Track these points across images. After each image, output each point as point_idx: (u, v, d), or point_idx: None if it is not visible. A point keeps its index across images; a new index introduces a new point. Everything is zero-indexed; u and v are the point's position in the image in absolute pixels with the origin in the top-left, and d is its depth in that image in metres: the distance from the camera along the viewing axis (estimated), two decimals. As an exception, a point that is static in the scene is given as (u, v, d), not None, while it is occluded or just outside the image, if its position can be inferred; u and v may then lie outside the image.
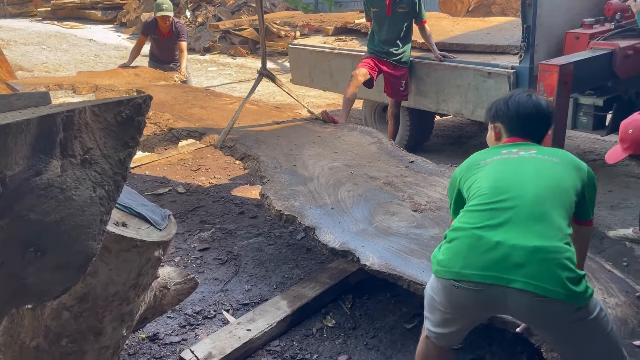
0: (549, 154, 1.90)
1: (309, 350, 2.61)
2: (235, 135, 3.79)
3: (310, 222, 2.79)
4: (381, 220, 2.89)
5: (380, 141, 3.92)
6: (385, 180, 3.32)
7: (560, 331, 1.70)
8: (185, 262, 3.45)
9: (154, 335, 2.71)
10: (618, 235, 3.51)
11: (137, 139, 1.30)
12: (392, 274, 2.45)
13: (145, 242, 1.91)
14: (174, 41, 5.70)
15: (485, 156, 1.95)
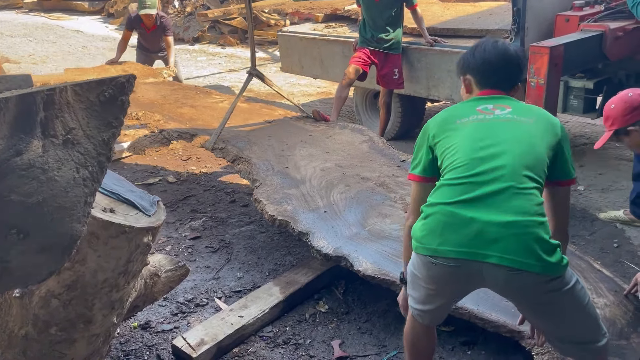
0: (524, 113, 1.82)
1: (302, 335, 2.60)
2: (227, 135, 3.76)
3: (304, 227, 2.80)
4: (374, 223, 2.90)
5: (372, 139, 3.93)
6: (377, 181, 3.33)
7: (537, 302, 1.71)
8: (176, 251, 3.43)
9: (145, 324, 2.69)
10: (609, 217, 3.52)
11: (121, 119, 1.27)
12: (385, 279, 2.48)
13: (133, 228, 1.89)
14: (160, 34, 5.66)
15: (460, 113, 1.86)
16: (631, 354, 2.20)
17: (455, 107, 1.93)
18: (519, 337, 2.29)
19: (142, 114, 3.98)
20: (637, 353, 2.21)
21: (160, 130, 3.81)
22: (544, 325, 1.80)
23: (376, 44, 4.57)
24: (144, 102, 4.43)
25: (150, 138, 3.83)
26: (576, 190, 4.03)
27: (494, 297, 2.45)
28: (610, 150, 4.81)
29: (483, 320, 2.34)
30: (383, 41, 4.56)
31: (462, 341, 2.48)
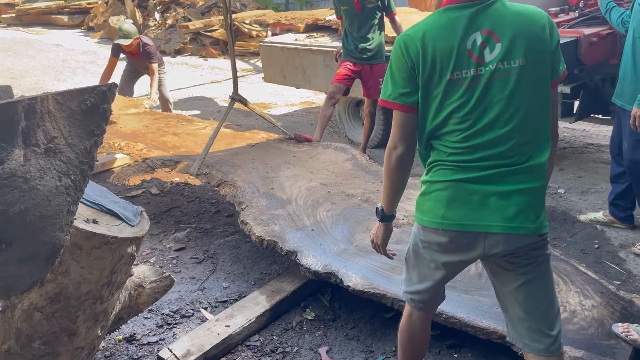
0: (515, 49, 1.61)
1: (289, 343, 2.59)
2: (211, 161, 3.78)
3: (292, 246, 2.81)
4: (361, 239, 2.93)
5: (355, 157, 3.98)
6: (362, 197, 3.37)
7: (520, 265, 1.72)
8: (161, 263, 3.40)
9: (130, 336, 2.66)
10: (589, 219, 3.58)
11: (103, 127, 1.27)
12: (375, 292, 2.50)
13: (117, 239, 1.88)
14: (145, 59, 5.67)
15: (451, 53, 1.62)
16: (621, 354, 2.24)
17: (440, 33, 1.65)
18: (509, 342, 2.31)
19: (125, 144, 4.00)
20: (627, 352, 2.25)
21: (143, 159, 3.82)
22: (514, 297, 1.78)
23: (360, 54, 4.58)
24: (127, 132, 4.44)
25: (134, 167, 3.83)
26: (556, 193, 4.10)
27: (484, 305, 2.48)
28: (588, 153, 4.91)
29: (474, 328, 2.36)
30: (367, 51, 4.57)
31: (448, 344, 2.50)
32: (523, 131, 1.64)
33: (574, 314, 2.47)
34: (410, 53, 1.67)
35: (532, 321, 1.76)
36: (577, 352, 2.23)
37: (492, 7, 1.65)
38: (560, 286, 2.65)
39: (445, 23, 1.66)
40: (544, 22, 1.65)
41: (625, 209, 3.41)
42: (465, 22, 1.64)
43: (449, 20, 1.65)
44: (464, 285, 2.62)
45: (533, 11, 1.68)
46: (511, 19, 1.64)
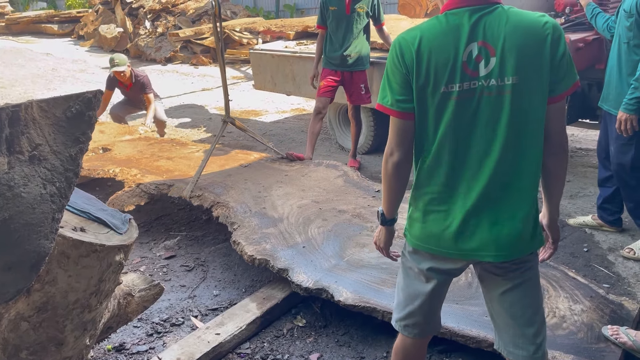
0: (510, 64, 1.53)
1: (280, 350, 2.58)
2: (204, 183, 3.82)
3: (283, 264, 2.84)
4: (352, 254, 2.97)
5: (346, 174, 4.04)
6: (353, 213, 3.42)
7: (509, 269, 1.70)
8: (151, 271, 3.38)
9: (120, 346, 2.64)
10: (578, 223, 3.61)
11: (89, 135, 1.27)
12: (366, 306, 2.53)
13: (105, 247, 1.87)
14: (139, 91, 5.75)
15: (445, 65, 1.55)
16: (611, 357, 2.25)
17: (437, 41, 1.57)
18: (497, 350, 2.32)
19: (120, 171, 4.01)
20: (616, 355, 2.26)
21: (137, 184, 3.84)
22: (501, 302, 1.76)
23: (340, 61, 4.57)
24: (121, 158, 4.47)
25: (128, 193, 3.87)
26: (546, 197, 4.12)
27: (473, 314, 2.49)
28: (577, 158, 4.94)
29: (465, 337, 2.37)
30: (348, 57, 4.57)
31: (439, 349, 2.50)
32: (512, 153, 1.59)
33: (563, 319, 2.48)
34: (405, 58, 1.60)
35: (517, 327, 1.75)
36: (566, 356, 2.24)
37: (493, 14, 1.56)
38: (550, 292, 2.66)
39: (444, 30, 1.58)
40: (546, 33, 1.54)
41: (614, 212, 3.43)
42: (464, 31, 1.55)
43: (449, 27, 1.57)
44: (454, 295, 2.63)
45: (535, 21, 1.56)
46: (509, 29, 1.54)
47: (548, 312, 2.52)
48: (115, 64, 5.59)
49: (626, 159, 3.04)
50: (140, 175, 3.93)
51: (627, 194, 3.16)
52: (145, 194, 3.78)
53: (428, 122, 1.62)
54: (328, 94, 4.65)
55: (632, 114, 2.87)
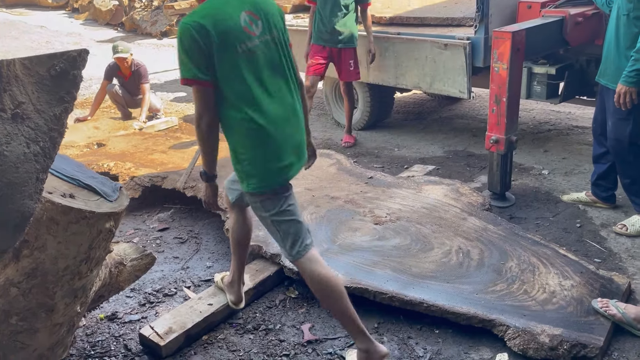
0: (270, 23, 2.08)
1: (271, 320, 2.60)
2: (197, 174, 3.76)
3: (275, 250, 2.86)
4: (344, 238, 2.99)
5: (340, 162, 4.06)
6: (346, 199, 3.44)
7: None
8: (144, 243, 3.38)
9: (112, 315, 2.65)
10: (572, 199, 3.61)
11: (74, 94, 1.24)
12: (357, 287, 2.56)
13: (94, 214, 1.85)
14: (137, 81, 5.75)
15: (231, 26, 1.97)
16: (600, 329, 2.27)
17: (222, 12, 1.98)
18: (491, 325, 2.34)
19: (114, 165, 4.02)
20: (606, 327, 2.28)
21: (131, 177, 3.86)
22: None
23: (330, 37, 4.54)
24: (115, 153, 4.48)
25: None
26: (540, 174, 4.12)
27: (464, 292, 2.51)
28: (573, 135, 4.93)
29: (455, 314, 2.40)
30: (338, 34, 4.53)
31: (428, 321, 2.51)
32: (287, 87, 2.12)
33: (553, 294, 2.50)
34: (200, 36, 1.92)
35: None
36: (555, 330, 2.26)
37: None
38: (540, 269, 2.67)
39: (221, 5, 2.01)
40: (277, 6, 2.17)
41: (607, 189, 3.43)
42: (235, 3, 2.02)
43: (224, 2, 2.02)
44: (445, 275, 2.65)
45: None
46: (259, 2, 2.09)
47: (538, 289, 2.53)
48: (119, 50, 5.60)
49: (623, 134, 3.02)
50: (134, 168, 3.94)
51: (623, 169, 3.16)
52: (139, 187, 3.81)
53: (235, 78, 1.99)
54: (318, 72, 4.63)
55: (632, 86, 2.84)
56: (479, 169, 4.27)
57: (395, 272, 2.67)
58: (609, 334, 2.29)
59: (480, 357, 2.30)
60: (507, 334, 2.28)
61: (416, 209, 3.30)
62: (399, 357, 2.32)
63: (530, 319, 2.32)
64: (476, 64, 4.10)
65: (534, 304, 2.44)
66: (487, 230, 3.02)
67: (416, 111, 6.02)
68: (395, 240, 2.96)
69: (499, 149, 3.50)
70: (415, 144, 4.97)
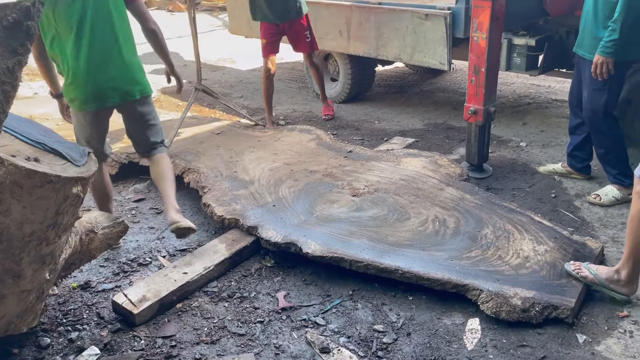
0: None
1: (247, 289, 2.59)
2: (175, 150, 3.79)
3: (253, 222, 2.86)
4: (322, 210, 2.99)
5: (319, 137, 4.04)
6: (324, 173, 3.43)
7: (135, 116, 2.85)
8: (119, 213, 3.33)
9: (85, 284, 2.62)
10: (548, 171, 3.64)
11: (27, 46, 1.19)
12: (333, 256, 2.57)
13: (60, 178, 1.81)
14: None
15: None
16: (572, 291, 2.31)
17: None
18: (464, 290, 2.37)
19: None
20: (578, 289, 2.32)
21: None
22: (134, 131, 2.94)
23: (273, 13, 4.35)
24: None
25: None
26: (518, 146, 4.14)
27: (439, 258, 2.53)
28: (552, 109, 4.95)
29: (430, 280, 2.41)
30: (279, 8, 4.33)
31: (402, 288, 2.53)
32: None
33: (527, 259, 2.53)
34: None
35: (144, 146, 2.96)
36: (528, 293, 2.29)
37: None
38: (515, 235, 2.70)
39: None
40: None
41: (582, 160, 3.46)
42: None
43: None
44: (421, 243, 2.67)
45: None
46: None
47: (512, 254, 2.56)
48: None
49: (598, 104, 3.03)
50: (110, 144, 3.83)
51: (598, 140, 3.18)
52: (116, 163, 3.77)
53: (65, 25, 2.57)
54: (272, 51, 4.50)
55: (609, 57, 2.84)
56: (458, 142, 4.27)
57: (371, 242, 2.68)
58: (581, 296, 2.33)
59: (452, 322, 2.33)
60: (480, 298, 2.31)
61: (394, 180, 3.30)
62: (373, 323, 2.34)
63: (504, 283, 2.35)
64: (457, 35, 4.07)
65: (507, 268, 2.46)
66: (464, 200, 3.04)
67: (398, 84, 5.99)
68: (373, 210, 2.97)
69: (477, 120, 3.50)
70: (395, 116, 4.95)
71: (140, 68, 2.85)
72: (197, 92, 4.12)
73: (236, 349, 2.21)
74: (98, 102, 2.70)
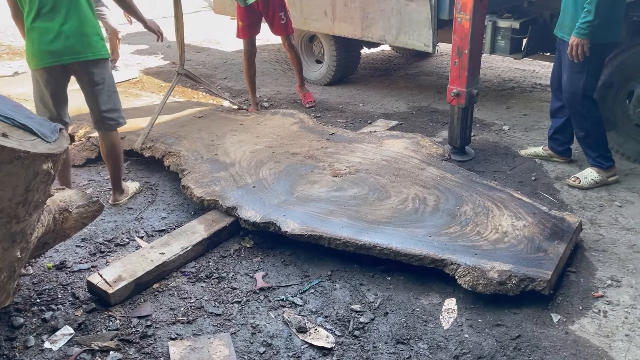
0: None
1: (225, 269, 2.58)
2: (156, 134, 3.74)
3: (232, 203, 2.84)
4: (302, 190, 2.98)
5: (302, 120, 4.01)
6: (306, 154, 3.42)
7: (86, 79, 2.86)
8: (97, 194, 3.29)
9: (61, 264, 2.59)
10: (529, 154, 3.65)
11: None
12: (312, 235, 2.56)
13: (30, 154, 1.77)
14: None
15: None
16: (549, 263, 2.33)
17: None
18: (442, 265, 2.37)
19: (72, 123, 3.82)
20: (554, 262, 2.34)
21: (87, 137, 3.74)
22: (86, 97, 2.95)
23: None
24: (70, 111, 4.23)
25: (78, 147, 3.76)
26: (501, 129, 4.15)
27: (418, 235, 2.53)
28: (536, 93, 4.96)
29: (408, 256, 2.41)
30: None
31: (381, 269, 2.53)
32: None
33: (505, 234, 2.54)
34: None
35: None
36: (505, 266, 2.31)
37: None
38: (494, 212, 2.71)
39: None
40: None
41: (563, 142, 3.47)
42: None
43: None
44: (400, 220, 2.67)
45: None
46: None
47: (491, 230, 2.57)
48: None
49: (577, 87, 3.03)
50: (91, 128, 3.79)
51: (577, 122, 3.19)
52: (96, 147, 3.71)
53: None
54: (250, 33, 4.43)
55: (584, 38, 2.84)
56: (442, 125, 4.27)
57: (350, 220, 2.67)
58: (558, 269, 2.35)
59: (429, 302, 2.34)
60: (457, 272, 2.32)
61: (376, 161, 3.29)
62: (350, 303, 2.34)
63: (481, 257, 2.36)
64: (442, 17, 4.04)
65: (485, 243, 2.48)
66: (444, 179, 3.04)
67: (383, 67, 5.96)
68: (353, 190, 2.96)
69: (459, 102, 3.49)
70: (380, 99, 4.93)
71: (95, 32, 2.83)
72: (179, 77, 4.04)
73: (212, 328, 2.20)
74: (48, 60, 2.74)
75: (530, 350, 2.06)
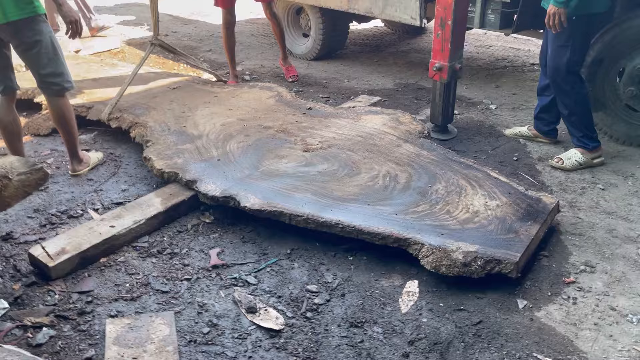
0: None
1: (179, 245, 2.45)
2: (125, 105, 3.58)
3: (193, 176, 2.71)
4: (269, 164, 2.85)
5: (280, 94, 3.86)
6: (279, 129, 3.28)
7: (19, 41, 2.63)
8: (58, 164, 3.16)
9: (7, 235, 2.46)
10: (514, 133, 3.48)
11: None
12: (272, 210, 2.44)
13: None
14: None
15: None
16: (519, 245, 2.19)
17: None
18: (406, 245, 2.24)
19: (37, 91, 3.67)
20: (524, 243, 2.20)
21: None
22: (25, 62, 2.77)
23: None
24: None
25: (44, 116, 3.61)
26: (487, 108, 3.98)
27: (383, 213, 2.41)
28: (528, 72, 4.77)
29: (370, 234, 2.28)
30: None
31: (344, 248, 2.40)
32: None
33: (476, 214, 2.41)
34: None
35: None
36: (471, 247, 2.18)
37: None
38: (468, 191, 2.57)
39: None
40: None
41: (549, 122, 3.31)
42: None
43: None
44: (367, 197, 2.54)
45: None
46: None
47: (461, 209, 2.43)
48: None
49: (561, 62, 2.86)
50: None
51: (561, 99, 3.02)
52: None
53: None
54: (229, 2, 4.25)
55: (561, 7, 2.68)
56: (427, 102, 4.09)
57: (315, 196, 2.53)
58: (528, 252, 2.21)
59: (390, 284, 2.21)
60: (421, 252, 2.18)
61: (351, 137, 3.14)
62: (307, 283, 2.21)
63: (447, 237, 2.23)
64: (429, -12, 3.84)
65: (454, 223, 2.34)
66: (420, 156, 2.89)
67: (374, 44, 5.76)
68: (323, 166, 2.81)
69: (442, 77, 3.32)
70: (366, 76, 4.75)
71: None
72: (153, 47, 3.87)
73: (157, 306, 2.07)
74: None
75: (490, 337, 1.93)
